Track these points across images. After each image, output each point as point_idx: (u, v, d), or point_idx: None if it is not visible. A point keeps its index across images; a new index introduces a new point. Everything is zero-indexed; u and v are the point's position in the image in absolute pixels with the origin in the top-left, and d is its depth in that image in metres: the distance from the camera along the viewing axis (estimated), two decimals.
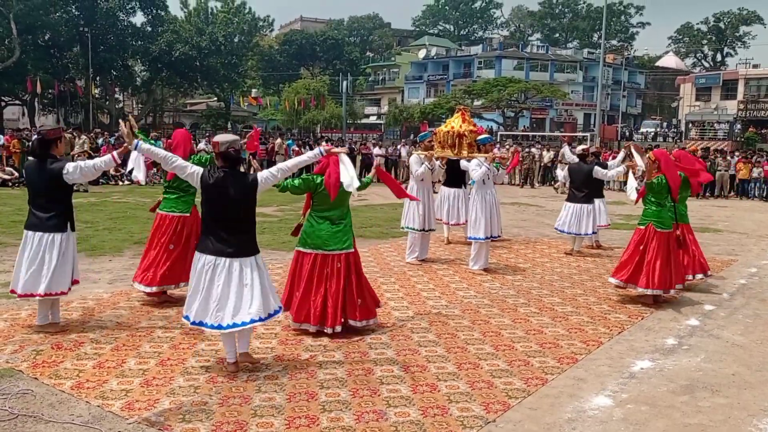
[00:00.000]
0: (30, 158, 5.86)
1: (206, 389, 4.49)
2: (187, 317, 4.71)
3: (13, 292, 5.49)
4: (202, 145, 22.73)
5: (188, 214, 6.47)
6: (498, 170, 8.72)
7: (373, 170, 6.48)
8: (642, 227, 7.11)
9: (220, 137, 4.81)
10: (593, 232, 10.03)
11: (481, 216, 8.43)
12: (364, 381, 4.72)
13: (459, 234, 11.01)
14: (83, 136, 20.51)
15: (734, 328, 6.40)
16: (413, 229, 9.02)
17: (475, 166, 8.52)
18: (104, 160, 5.41)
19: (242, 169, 5.69)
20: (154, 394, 4.39)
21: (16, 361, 4.88)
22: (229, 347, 4.79)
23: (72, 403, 4.20)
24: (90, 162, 5.54)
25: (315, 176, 5.63)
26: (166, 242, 6.36)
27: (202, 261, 4.65)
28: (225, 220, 4.63)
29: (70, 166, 5.38)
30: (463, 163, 9.86)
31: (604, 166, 10.23)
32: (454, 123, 8.80)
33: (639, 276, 6.96)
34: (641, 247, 7.01)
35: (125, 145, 5.19)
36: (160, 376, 4.70)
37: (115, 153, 5.34)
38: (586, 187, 9.82)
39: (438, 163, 9.04)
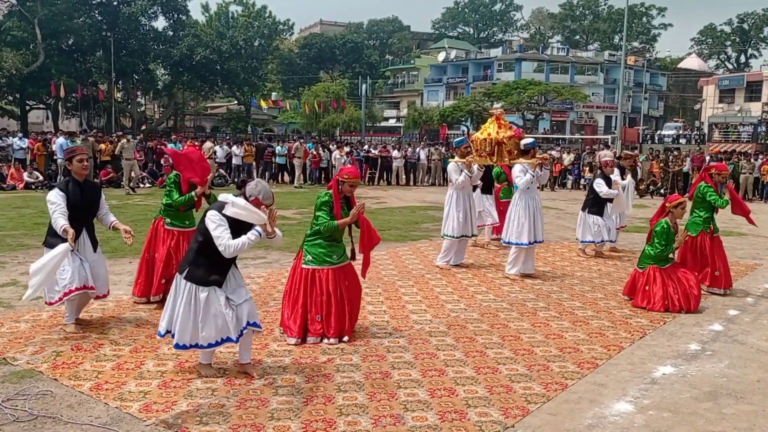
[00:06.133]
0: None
1: (224, 392, 4.49)
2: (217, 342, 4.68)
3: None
4: (219, 151, 22.86)
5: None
6: (542, 171, 8.44)
7: (354, 211, 5.65)
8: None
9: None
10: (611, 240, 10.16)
11: (525, 221, 8.25)
12: (382, 385, 4.69)
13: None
14: (123, 140, 20.27)
15: (759, 333, 6.28)
16: (452, 236, 8.84)
17: (518, 173, 8.29)
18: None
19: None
20: (171, 396, 4.40)
21: (37, 362, 4.92)
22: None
23: (91, 405, 4.23)
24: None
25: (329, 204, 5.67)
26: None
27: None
28: None
29: (50, 195, 5.49)
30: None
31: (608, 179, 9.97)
32: (491, 129, 8.57)
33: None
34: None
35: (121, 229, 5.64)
36: (178, 378, 4.71)
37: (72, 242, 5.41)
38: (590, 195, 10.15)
39: (476, 167, 8.87)
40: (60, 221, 5.31)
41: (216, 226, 4.53)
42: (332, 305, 5.57)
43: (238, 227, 4.57)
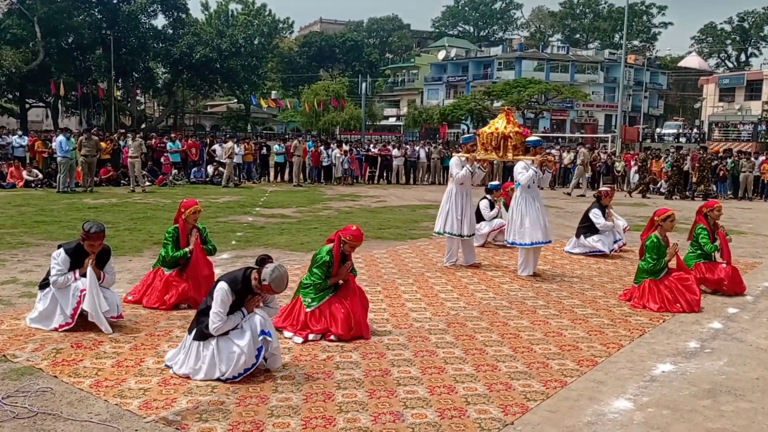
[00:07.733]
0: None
1: (223, 389, 4.49)
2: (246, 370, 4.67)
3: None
4: (219, 150, 22.83)
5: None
6: (543, 173, 8.40)
7: (342, 270, 5.88)
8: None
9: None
10: (616, 241, 10.32)
11: (526, 220, 8.20)
12: (381, 382, 4.70)
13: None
14: (138, 139, 20.28)
15: (758, 331, 6.28)
16: (451, 234, 8.77)
17: (521, 169, 8.24)
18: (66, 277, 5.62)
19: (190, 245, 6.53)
20: (171, 393, 4.40)
21: (36, 359, 4.92)
22: None
23: (90, 402, 4.23)
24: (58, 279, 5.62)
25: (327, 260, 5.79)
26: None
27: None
28: None
29: (57, 254, 5.65)
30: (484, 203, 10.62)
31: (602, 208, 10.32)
32: (498, 124, 8.58)
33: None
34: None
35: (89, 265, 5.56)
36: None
37: (77, 272, 5.61)
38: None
39: (478, 166, 8.84)
40: (66, 279, 5.58)
41: (220, 302, 4.61)
42: (339, 316, 5.66)
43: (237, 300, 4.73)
